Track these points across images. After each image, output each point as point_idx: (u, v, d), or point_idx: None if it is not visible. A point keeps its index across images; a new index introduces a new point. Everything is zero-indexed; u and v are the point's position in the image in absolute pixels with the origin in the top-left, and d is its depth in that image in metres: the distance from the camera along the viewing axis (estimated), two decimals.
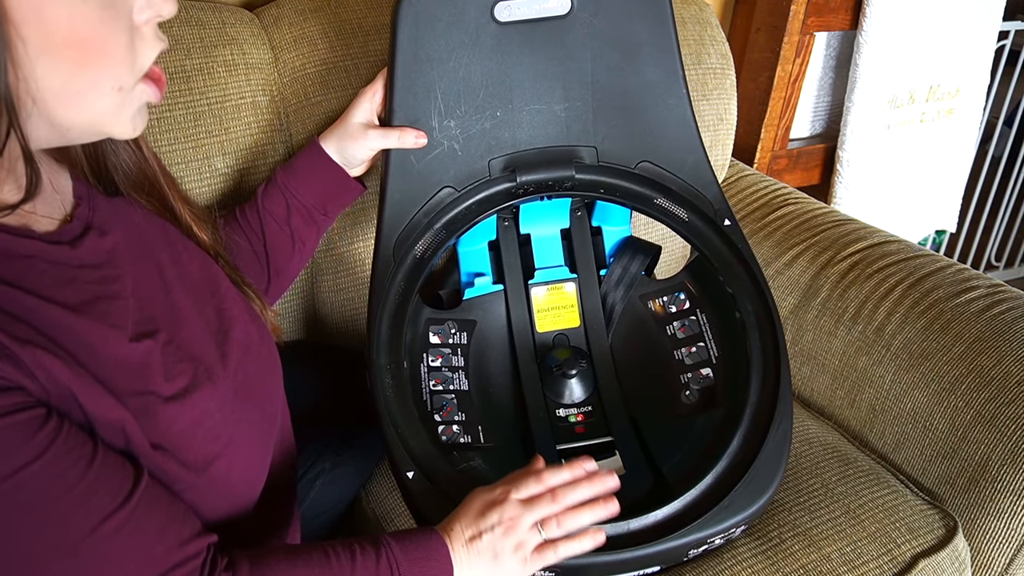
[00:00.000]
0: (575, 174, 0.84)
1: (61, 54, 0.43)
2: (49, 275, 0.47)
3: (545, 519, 0.60)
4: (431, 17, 0.78)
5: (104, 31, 0.44)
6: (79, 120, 0.46)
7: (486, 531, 0.59)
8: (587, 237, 0.93)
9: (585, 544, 0.62)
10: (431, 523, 0.62)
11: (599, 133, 0.85)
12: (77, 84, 0.44)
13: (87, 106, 0.45)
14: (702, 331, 0.87)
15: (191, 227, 0.61)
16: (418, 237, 0.80)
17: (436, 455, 0.70)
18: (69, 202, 0.53)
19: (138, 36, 0.46)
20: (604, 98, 0.85)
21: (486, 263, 0.92)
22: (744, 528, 0.72)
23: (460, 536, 0.59)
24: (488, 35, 0.80)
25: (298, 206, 0.78)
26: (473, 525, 0.59)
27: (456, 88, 0.81)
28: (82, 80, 0.44)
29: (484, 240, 0.92)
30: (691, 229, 0.84)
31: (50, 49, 0.42)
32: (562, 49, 0.82)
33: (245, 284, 0.65)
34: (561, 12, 0.81)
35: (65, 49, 0.43)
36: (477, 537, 0.59)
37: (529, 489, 0.61)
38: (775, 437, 0.72)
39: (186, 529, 0.49)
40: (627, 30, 0.83)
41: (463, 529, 0.59)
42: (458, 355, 0.85)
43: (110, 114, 0.47)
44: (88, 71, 0.44)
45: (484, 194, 0.82)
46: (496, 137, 0.83)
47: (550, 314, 0.90)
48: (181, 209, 0.61)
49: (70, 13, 0.42)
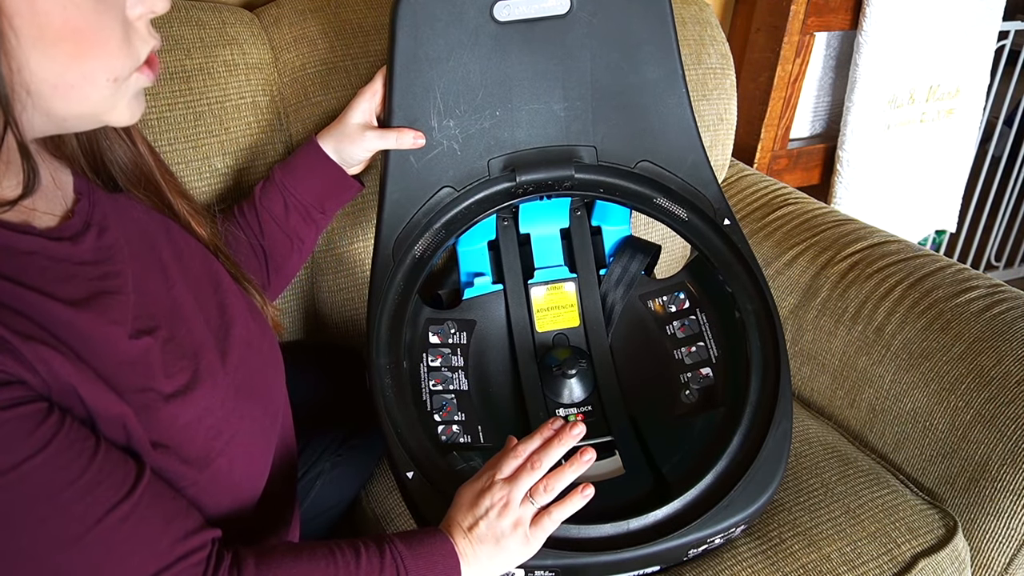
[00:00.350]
0: (575, 173, 0.83)
1: (55, 46, 0.43)
2: (50, 271, 0.47)
3: (533, 489, 0.61)
4: (430, 16, 0.77)
5: (98, 23, 0.44)
6: (75, 111, 0.46)
7: (482, 518, 0.60)
8: (587, 237, 0.93)
9: (576, 503, 0.63)
10: (430, 523, 0.63)
11: (598, 133, 0.85)
12: (72, 76, 0.44)
13: (83, 97, 0.45)
14: (702, 331, 0.87)
15: (189, 223, 0.61)
16: (417, 237, 0.79)
17: (436, 455, 0.70)
18: (70, 198, 0.53)
19: (132, 30, 0.47)
20: (603, 97, 0.84)
21: (486, 263, 0.92)
22: (744, 527, 0.72)
23: (460, 529, 0.60)
24: (487, 35, 0.80)
25: (296, 204, 0.78)
26: (469, 515, 0.60)
27: (455, 88, 0.80)
28: (77, 72, 0.44)
29: (484, 240, 0.91)
30: (691, 228, 0.84)
31: (43, 41, 0.42)
32: (561, 48, 0.82)
33: (246, 280, 0.65)
34: (560, 11, 0.80)
35: (59, 41, 0.43)
36: (475, 526, 0.59)
37: (509, 466, 0.62)
38: (775, 436, 0.72)
39: (190, 523, 0.49)
40: (626, 29, 0.83)
41: (461, 522, 0.60)
42: (458, 355, 0.85)
43: (106, 103, 0.47)
44: (83, 63, 0.44)
45: (483, 194, 0.82)
46: (495, 137, 0.83)
47: (550, 314, 0.90)
48: (179, 205, 0.61)
49: (63, 5, 0.42)
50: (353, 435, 0.85)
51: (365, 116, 0.79)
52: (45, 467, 0.42)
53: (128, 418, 0.47)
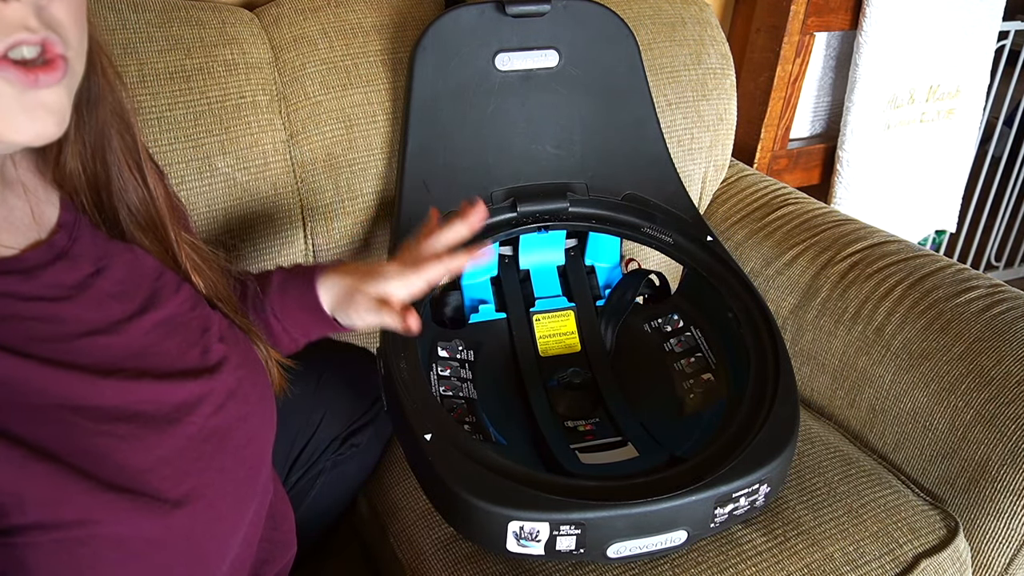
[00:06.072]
0: (569, 207, 0.92)
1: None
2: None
3: None
4: (443, 59, 0.89)
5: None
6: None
7: None
8: (582, 271, 1.00)
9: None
10: (449, 485, 0.63)
11: (588, 169, 0.95)
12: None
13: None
14: (698, 344, 0.91)
15: (188, 274, 0.57)
16: None
17: (452, 423, 0.70)
18: (47, 231, 0.49)
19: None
20: (591, 138, 0.96)
21: (489, 295, 0.97)
22: (769, 491, 0.71)
23: None
24: (490, 80, 0.91)
25: (286, 328, 0.73)
26: None
27: (463, 123, 0.91)
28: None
29: (486, 275, 0.97)
30: (679, 249, 0.92)
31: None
32: (554, 96, 0.94)
33: (251, 331, 0.61)
34: (551, 65, 0.93)
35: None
36: None
37: None
38: (784, 403, 0.73)
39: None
40: (606, 81, 0.95)
41: None
42: (466, 368, 0.88)
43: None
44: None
45: (488, 222, 0.88)
46: (497, 171, 0.92)
47: (552, 340, 0.95)
48: (183, 255, 0.57)
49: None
50: (353, 435, 0.85)
51: (381, 293, 0.69)
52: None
53: None
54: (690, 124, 1.13)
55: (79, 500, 0.42)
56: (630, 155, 0.97)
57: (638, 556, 0.68)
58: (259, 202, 0.89)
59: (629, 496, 0.65)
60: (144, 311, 0.52)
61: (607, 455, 0.79)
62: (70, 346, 0.46)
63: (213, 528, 0.51)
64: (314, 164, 0.91)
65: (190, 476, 0.48)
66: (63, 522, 0.41)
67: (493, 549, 0.67)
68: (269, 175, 0.89)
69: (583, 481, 0.68)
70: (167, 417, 0.48)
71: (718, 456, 0.70)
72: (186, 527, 0.47)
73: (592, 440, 0.82)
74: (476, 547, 0.74)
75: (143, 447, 0.46)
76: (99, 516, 0.42)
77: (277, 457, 0.70)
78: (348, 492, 0.87)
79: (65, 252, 0.49)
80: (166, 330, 0.52)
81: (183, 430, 0.49)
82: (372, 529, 0.86)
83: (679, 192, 0.97)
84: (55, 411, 0.43)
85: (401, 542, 0.80)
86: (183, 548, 0.47)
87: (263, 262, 0.90)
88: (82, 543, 0.42)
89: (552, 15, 0.91)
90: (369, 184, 0.94)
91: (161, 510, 0.45)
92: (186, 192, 0.84)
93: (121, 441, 0.45)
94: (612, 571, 0.72)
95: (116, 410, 0.46)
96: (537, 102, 0.93)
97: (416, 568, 0.76)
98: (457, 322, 0.95)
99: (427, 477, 0.70)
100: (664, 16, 1.11)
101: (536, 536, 0.64)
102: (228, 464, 0.52)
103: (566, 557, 0.67)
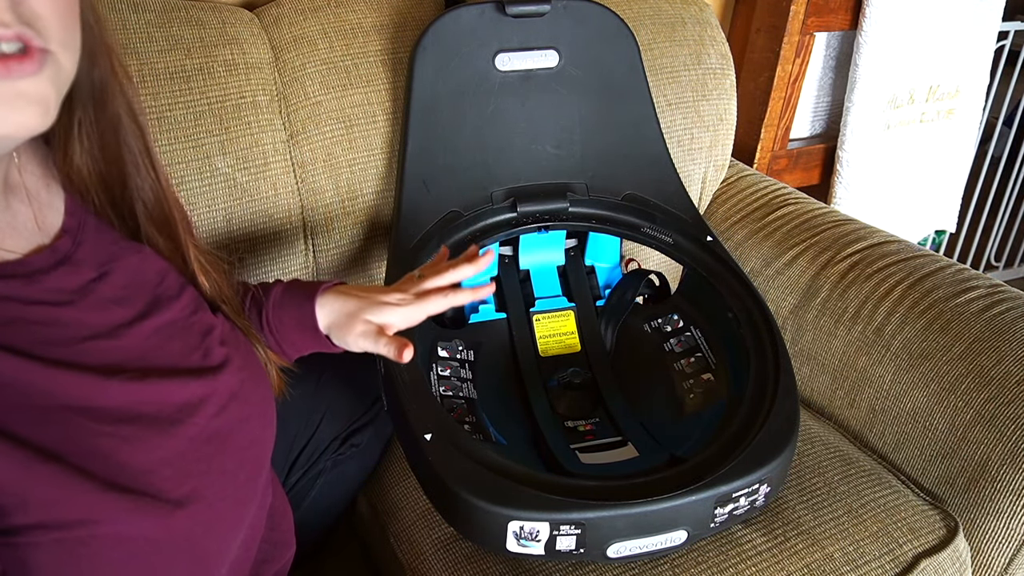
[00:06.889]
0: (569, 207, 0.92)
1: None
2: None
3: None
4: (443, 59, 0.89)
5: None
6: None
7: None
8: (582, 272, 1.00)
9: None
10: (449, 485, 0.63)
11: (588, 169, 0.95)
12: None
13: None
14: (698, 344, 0.91)
15: (195, 275, 0.58)
16: (432, 250, 0.84)
17: (452, 423, 0.70)
18: (52, 235, 0.49)
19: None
20: (591, 139, 0.95)
21: (489, 296, 0.94)
22: (769, 491, 0.71)
23: None
24: (490, 81, 0.91)
25: (279, 342, 0.72)
26: None
27: (463, 122, 0.90)
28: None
29: (486, 275, 0.97)
30: (679, 249, 0.91)
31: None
32: (554, 96, 0.94)
33: (251, 333, 0.61)
34: (551, 65, 0.93)
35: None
36: None
37: None
38: (784, 403, 0.73)
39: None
40: (606, 81, 0.95)
41: None
42: (466, 368, 0.88)
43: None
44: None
45: (488, 221, 0.90)
46: (497, 170, 0.92)
47: (552, 340, 0.95)
48: (191, 255, 0.57)
49: None
50: (353, 435, 0.85)
51: (381, 323, 0.69)
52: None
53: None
54: (690, 124, 1.13)
55: (81, 500, 0.42)
56: (630, 155, 0.97)
57: (638, 556, 0.68)
58: (259, 202, 0.89)
59: (629, 496, 0.65)
60: (145, 316, 0.52)
61: (607, 455, 0.79)
62: (74, 349, 0.46)
63: (213, 529, 0.51)
64: (314, 164, 0.91)
65: (191, 477, 0.48)
66: (65, 522, 0.41)
67: (493, 549, 0.67)
68: (269, 175, 0.89)
69: (583, 481, 0.68)
70: (170, 418, 0.49)
71: (718, 456, 0.70)
72: (187, 528, 0.47)
73: (592, 440, 0.83)
74: (476, 547, 0.74)
75: (145, 448, 0.46)
76: (101, 516, 0.42)
77: (277, 457, 0.70)
78: (348, 492, 0.87)
79: (68, 257, 0.49)
80: (167, 334, 0.53)
81: (185, 431, 0.49)
82: (372, 529, 0.86)
83: (679, 192, 0.97)
84: (59, 412, 0.43)
85: (401, 542, 0.80)
86: (183, 548, 0.47)
87: (263, 262, 0.90)
88: (83, 543, 0.42)
89: (552, 15, 0.91)
90: (369, 184, 0.94)
91: (162, 511, 0.45)
92: (186, 192, 0.84)
93: (124, 442, 0.45)
94: (612, 571, 0.72)
95: (120, 411, 0.46)
96: (537, 102, 0.93)
97: (416, 568, 0.76)
98: (457, 322, 0.95)
99: (427, 477, 0.70)
100: (664, 16, 1.12)
101: (536, 536, 0.64)
102: (229, 465, 0.52)
103: (566, 557, 0.67)
